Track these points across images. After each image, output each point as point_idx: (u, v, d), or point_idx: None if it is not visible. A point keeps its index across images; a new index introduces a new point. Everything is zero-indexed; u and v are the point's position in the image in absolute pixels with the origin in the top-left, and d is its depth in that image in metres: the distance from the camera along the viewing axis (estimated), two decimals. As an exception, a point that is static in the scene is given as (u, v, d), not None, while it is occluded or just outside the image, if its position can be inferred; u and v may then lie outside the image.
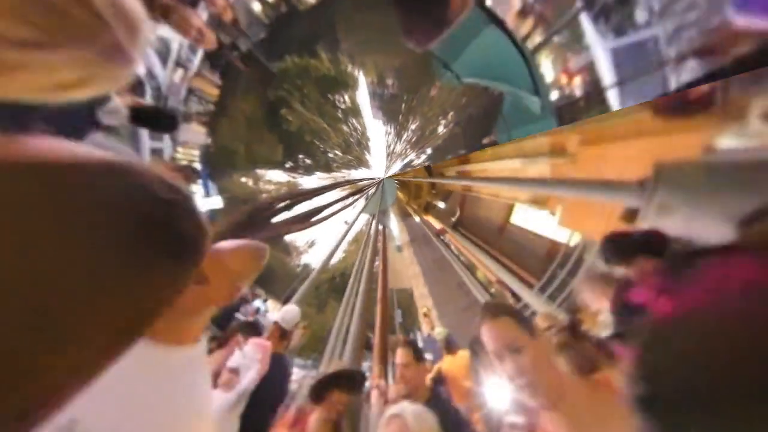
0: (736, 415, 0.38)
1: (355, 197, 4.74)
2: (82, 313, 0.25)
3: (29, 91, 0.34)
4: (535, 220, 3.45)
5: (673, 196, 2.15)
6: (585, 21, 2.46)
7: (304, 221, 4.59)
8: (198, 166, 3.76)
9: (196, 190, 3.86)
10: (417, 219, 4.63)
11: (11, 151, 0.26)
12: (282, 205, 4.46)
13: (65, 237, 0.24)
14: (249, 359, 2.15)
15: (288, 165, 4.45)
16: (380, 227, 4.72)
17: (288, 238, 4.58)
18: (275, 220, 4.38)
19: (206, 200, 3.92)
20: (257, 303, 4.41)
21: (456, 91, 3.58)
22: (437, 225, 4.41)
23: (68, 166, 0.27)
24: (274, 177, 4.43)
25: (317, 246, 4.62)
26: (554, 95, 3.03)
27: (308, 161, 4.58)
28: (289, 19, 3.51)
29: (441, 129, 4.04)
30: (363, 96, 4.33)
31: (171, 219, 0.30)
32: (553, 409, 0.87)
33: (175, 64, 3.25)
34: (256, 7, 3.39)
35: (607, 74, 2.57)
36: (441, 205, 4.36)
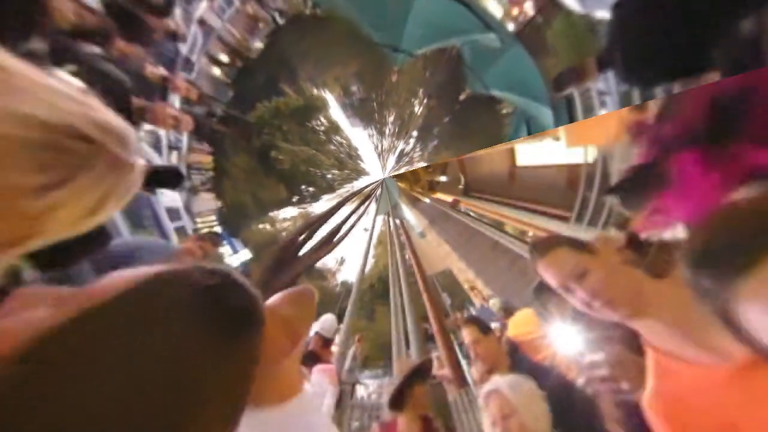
0: None
1: (366, 204, 4.71)
2: (191, 401, 0.29)
3: (65, 229, 0.37)
4: (542, 153, 3.17)
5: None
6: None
7: (328, 244, 4.59)
8: (218, 229, 3.92)
9: (225, 250, 4.01)
10: (427, 200, 4.48)
11: (89, 297, 0.30)
12: (303, 237, 4.51)
13: (152, 344, 0.28)
14: (319, 386, 2.10)
15: (295, 199, 4.53)
16: (397, 221, 4.62)
17: (319, 264, 4.59)
18: (302, 252, 4.41)
19: (236, 256, 4.06)
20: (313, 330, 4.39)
21: (415, 68, 3.49)
22: (448, 198, 4.22)
23: (134, 290, 0.31)
24: (287, 214, 4.52)
25: (348, 261, 4.60)
26: (511, 27, 2.86)
27: (311, 189, 4.64)
28: (247, 71, 3.66)
29: (417, 108, 3.94)
30: (336, 112, 4.38)
31: (222, 299, 0.33)
32: (643, 317, 0.77)
33: (169, 149, 3.46)
34: (216, 71, 3.57)
35: (551, -20, 2.39)
36: (443, 178, 4.19)
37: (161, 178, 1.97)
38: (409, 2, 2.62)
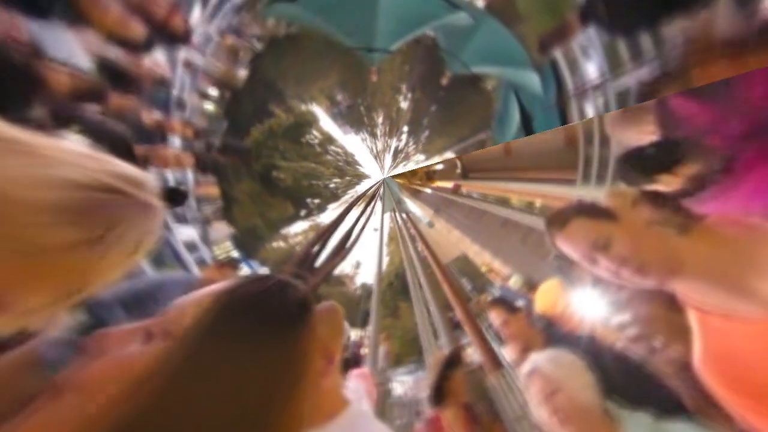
0: None
1: (371, 205, 4.68)
2: (275, 391, 0.31)
3: (112, 274, 0.40)
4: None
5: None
6: None
7: (341, 251, 4.55)
8: (236, 254, 3.98)
9: (244, 272, 4.05)
10: (428, 191, 4.41)
11: (171, 325, 0.34)
12: (316, 248, 4.49)
13: (237, 349, 0.31)
14: (355, 392, 2.04)
15: (303, 213, 4.55)
16: (404, 216, 4.56)
17: (336, 271, 4.56)
18: (317, 263, 4.39)
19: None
20: (342, 339, 4.35)
21: (393, 63, 3.46)
22: (449, 184, 4.13)
23: (210, 310, 0.34)
24: (298, 229, 4.54)
25: (364, 264, 4.56)
26: (480, 3, 2.79)
27: (317, 201, 4.65)
28: (236, 100, 3.72)
29: (403, 104, 3.90)
30: (327, 123, 4.40)
31: (281, 297, 0.37)
32: (678, 277, 0.71)
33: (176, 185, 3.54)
34: (208, 106, 3.65)
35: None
36: (439, 166, 4.13)
37: (169, 197, 2.05)
38: (374, 1, 2.59)
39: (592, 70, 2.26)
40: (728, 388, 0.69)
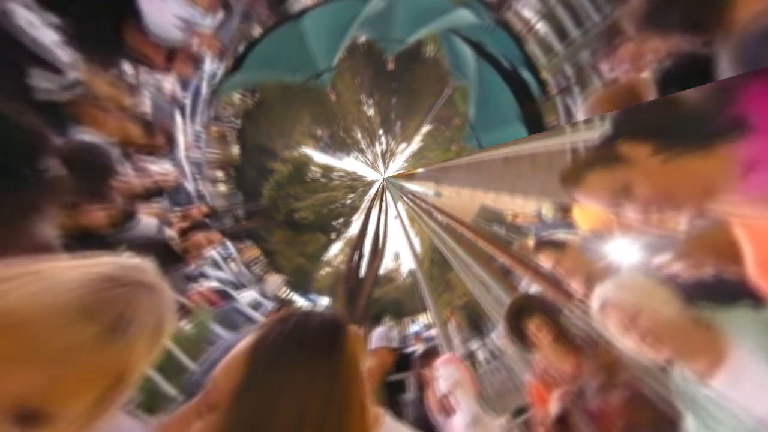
0: None
1: (384, 200, 4.59)
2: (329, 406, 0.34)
3: (146, 358, 0.39)
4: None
5: None
6: None
7: (377, 252, 4.41)
8: (293, 295, 4.01)
9: (305, 307, 4.04)
10: (420, 170, 4.20)
11: (216, 392, 0.37)
12: (356, 259, 4.40)
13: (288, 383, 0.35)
14: (448, 378, 1.81)
15: (333, 236, 4.53)
16: (412, 197, 4.36)
17: (382, 270, 4.41)
18: (362, 272, 4.27)
19: (319, 306, 4.07)
20: (413, 327, 4.10)
21: (345, 83, 3.40)
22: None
23: (250, 362, 0.38)
24: (336, 250, 4.52)
25: (401, 254, 4.40)
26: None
27: (341, 220, 4.63)
28: (240, 173, 3.87)
29: (369, 111, 3.80)
30: (320, 157, 4.45)
31: (310, 326, 0.39)
32: (714, 200, 0.60)
33: (225, 261, 3.67)
34: (222, 187, 3.82)
35: None
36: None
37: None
38: (301, 30, 2.56)
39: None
40: None
